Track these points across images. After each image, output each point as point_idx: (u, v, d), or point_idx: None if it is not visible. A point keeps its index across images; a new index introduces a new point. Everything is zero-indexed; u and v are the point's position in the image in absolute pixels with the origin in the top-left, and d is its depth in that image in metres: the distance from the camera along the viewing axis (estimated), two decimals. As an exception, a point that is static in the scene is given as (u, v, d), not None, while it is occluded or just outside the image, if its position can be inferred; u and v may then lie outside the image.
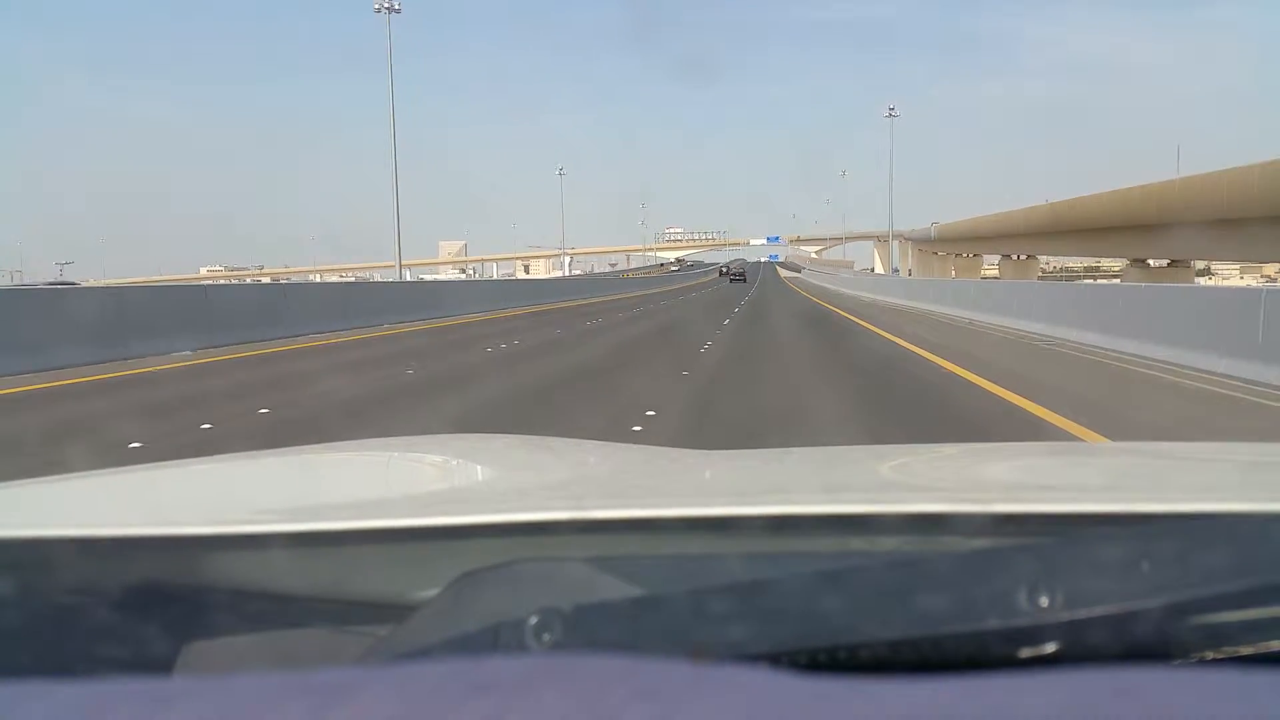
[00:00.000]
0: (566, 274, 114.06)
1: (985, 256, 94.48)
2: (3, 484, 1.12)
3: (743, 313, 24.64)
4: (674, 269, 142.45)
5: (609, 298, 41.69)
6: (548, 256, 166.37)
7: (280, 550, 0.81)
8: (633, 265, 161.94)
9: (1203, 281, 64.94)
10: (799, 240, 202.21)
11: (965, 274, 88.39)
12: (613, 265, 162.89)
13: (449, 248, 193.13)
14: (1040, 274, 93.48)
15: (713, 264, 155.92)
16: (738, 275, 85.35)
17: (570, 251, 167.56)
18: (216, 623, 0.78)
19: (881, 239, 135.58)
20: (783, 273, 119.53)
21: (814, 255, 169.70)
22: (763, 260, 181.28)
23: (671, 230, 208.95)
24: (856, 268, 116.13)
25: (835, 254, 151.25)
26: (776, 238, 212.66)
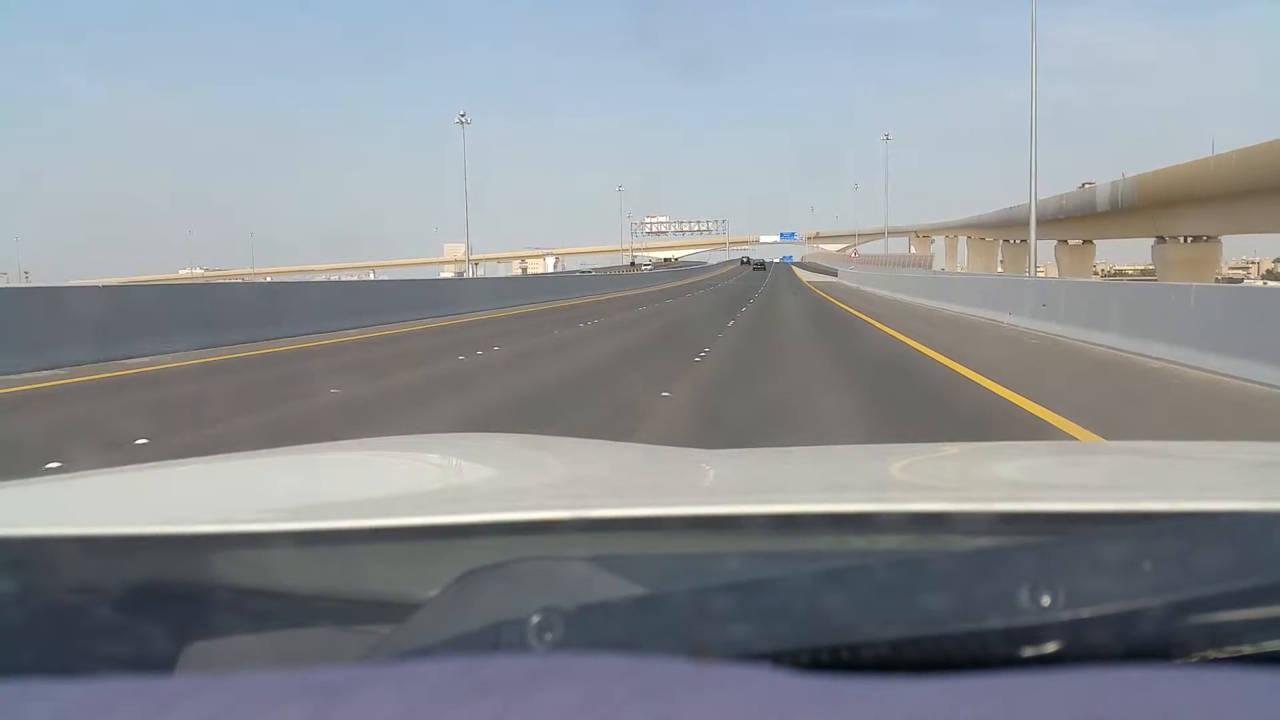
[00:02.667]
0: (551, 272, 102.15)
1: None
2: (5, 483, 1.12)
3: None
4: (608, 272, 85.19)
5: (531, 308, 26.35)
6: (540, 255, 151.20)
7: (282, 549, 0.81)
8: (636, 263, 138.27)
9: None
10: (818, 237, 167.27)
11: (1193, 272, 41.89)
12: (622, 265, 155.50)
13: (455, 250, 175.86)
14: None
15: (698, 263, 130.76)
16: (758, 266, 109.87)
17: (559, 251, 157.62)
18: (219, 621, 0.78)
19: (921, 234, 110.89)
20: (804, 276, 75.99)
21: (836, 254, 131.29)
22: (773, 260, 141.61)
23: (655, 220, 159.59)
24: (931, 265, 72.07)
25: (873, 250, 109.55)
26: (791, 234, 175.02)
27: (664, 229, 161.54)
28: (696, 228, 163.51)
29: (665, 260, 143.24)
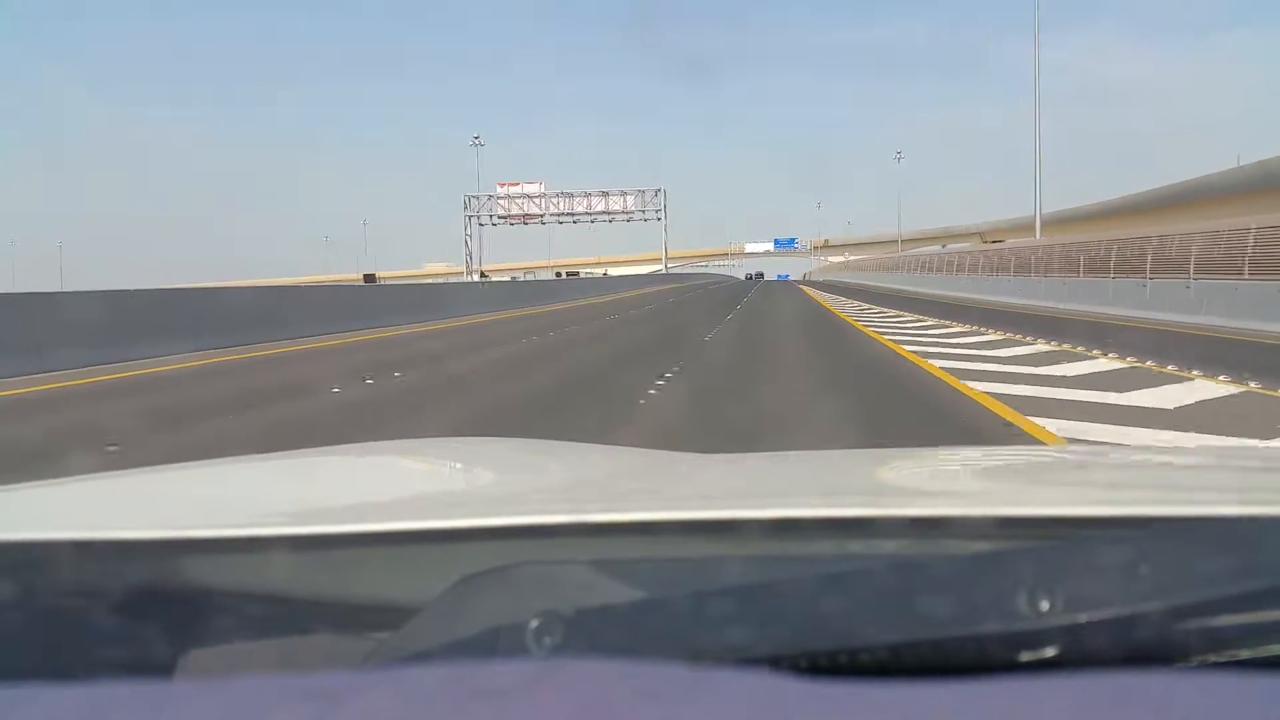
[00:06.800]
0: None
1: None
2: (2, 487, 1.12)
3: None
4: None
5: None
6: (535, 268, 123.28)
7: (281, 553, 0.81)
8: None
9: None
10: (827, 246, 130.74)
11: None
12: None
13: (434, 268, 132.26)
14: None
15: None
16: (756, 276, 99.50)
17: (489, 265, 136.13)
18: (217, 626, 0.78)
19: (990, 236, 70.88)
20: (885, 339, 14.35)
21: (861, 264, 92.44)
22: (755, 277, 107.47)
23: (511, 195, 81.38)
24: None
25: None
26: (790, 241, 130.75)
27: (535, 210, 80.00)
28: (600, 207, 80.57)
29: (559, 275, 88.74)
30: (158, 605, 0.77)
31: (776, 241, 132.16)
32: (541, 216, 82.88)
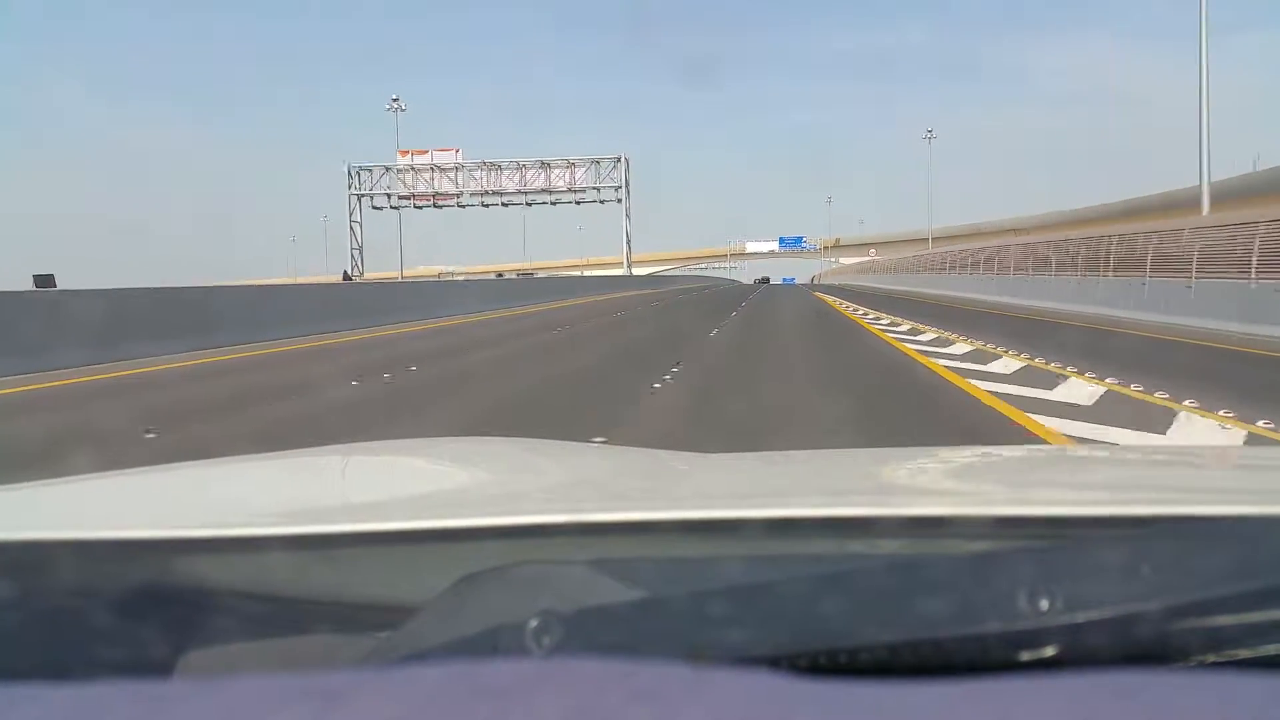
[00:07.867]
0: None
1: None
2: (2, 486, 1.12)
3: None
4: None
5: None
6: (521, 269, 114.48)
7: (280, 553, 0.81)
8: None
9: None
10: (838, 245, 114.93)
11: None
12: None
13: (428, 271, 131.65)
14: None
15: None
16: (761, 281, 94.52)
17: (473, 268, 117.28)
18: (216, 626, 0.78)
19: (1020, 230, 58.23)
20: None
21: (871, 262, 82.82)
22: (761, 282, 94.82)
23: (415, 165, 58.13)
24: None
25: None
26: (797, 240, 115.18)
27: (450, 189, 59.79)
28: (540, 183, 59.63)
29: (500, 275, 67.62)
30: (157, 605, 0.77)
31: (782, 240, 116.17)
32: (458, 196, 59.57)
